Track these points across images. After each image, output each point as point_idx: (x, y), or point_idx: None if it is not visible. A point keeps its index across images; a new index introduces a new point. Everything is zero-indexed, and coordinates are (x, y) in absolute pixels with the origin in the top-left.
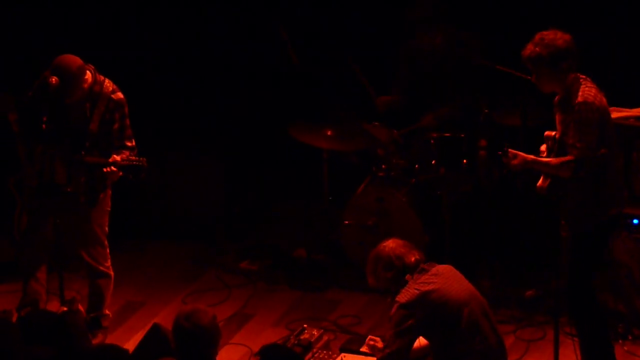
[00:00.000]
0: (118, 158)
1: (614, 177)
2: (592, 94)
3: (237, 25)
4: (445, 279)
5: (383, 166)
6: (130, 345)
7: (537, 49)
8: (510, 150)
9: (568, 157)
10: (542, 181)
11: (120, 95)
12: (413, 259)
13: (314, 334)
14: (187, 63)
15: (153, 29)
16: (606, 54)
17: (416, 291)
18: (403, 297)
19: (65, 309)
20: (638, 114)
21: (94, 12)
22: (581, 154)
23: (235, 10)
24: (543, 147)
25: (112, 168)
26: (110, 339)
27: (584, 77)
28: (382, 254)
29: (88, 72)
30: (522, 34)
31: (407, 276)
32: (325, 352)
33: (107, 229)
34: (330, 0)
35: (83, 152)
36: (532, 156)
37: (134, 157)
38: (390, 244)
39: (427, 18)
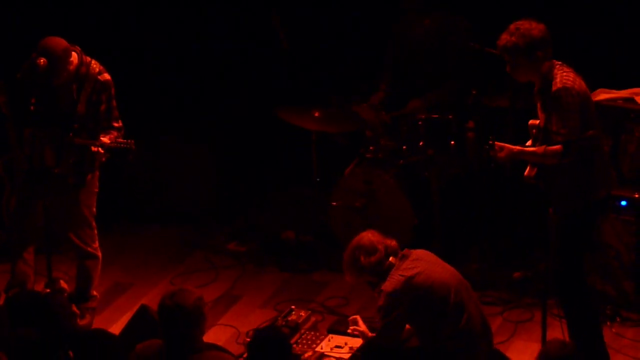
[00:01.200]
0: (106, 140)
1: (601, 159)
2: (571, 79)
3: (228, 7)
4: (426, 262)
5: (371, 148)
6: (118, 326)
7: (512, 38)
8: (496, 142)
9: (554, 145)
10: (529, 170)
11: (107, 76)
12: (392, 243)
13: (302, 315)
14: (177, 48)
15: (147, 18)
16: (606, 50)
17: (401, 277)
18: (389, 285)
19: (48, 290)
20: (626, 95)
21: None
22: (566, 139)
23: None
24: (528, 143)
25: (100, 149)
26: (97, 320)
27: (559, 63)
28: (362, 241)
29: (74, 53)
30: (511, 16)
31: (391, 258)
32: (312, 333)
33: (95, 210)
34: None
35: (71, 134)
36: (518, 147)
37: (122, 140)
38: (367, 234)
39: (419, 8)
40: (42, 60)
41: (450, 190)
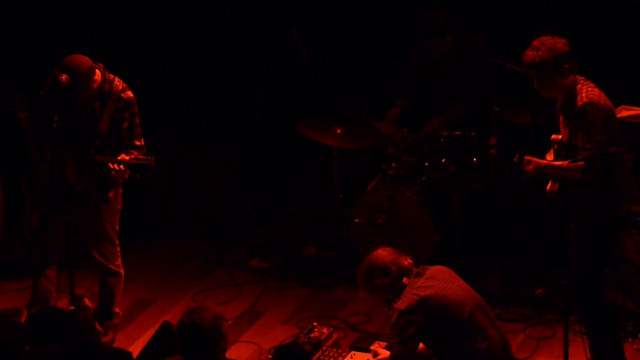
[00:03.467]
0: (126, 157)
1: (623, 175)
2: (596, 94)
3: (248, 25)
4: (441, 281)
5: (393, 164)
6: (141, 342)
7: (539, 53)
8: (526, 156)
9: (578, 160)
10: (551, 185)
11: (130, 94)
12: (406, 262)
13: (324, 332)
14: (199, 63)
15: (166, 29)
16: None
17: (415, 296)
18: (402, 303)
19: (72, 307)
20: None
21: (106, 12)
22: (592, 154)
23: (246, 10)
24: (548, 155)
25: (120, 167)
26: (120, 337)
27: (583, 78)
28: (376, 261)
29: (97, 71)
30: (530, 32)
31: (405, 279)
32: (335, 350)
33: (117, 227)
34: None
35: (93, 151)
36: (545, 161)
37: (142, 156)
38: (382, 252)
39: (440, 25)
40: (64, 77)
41: (471, 206)
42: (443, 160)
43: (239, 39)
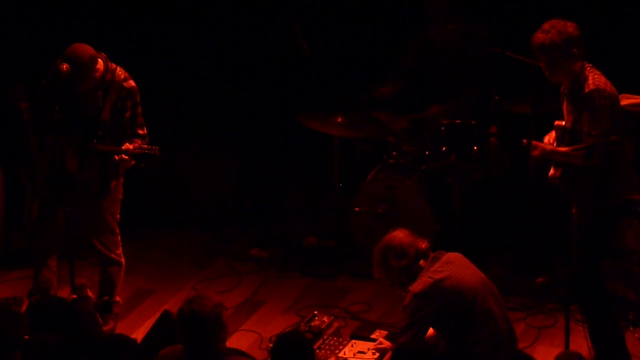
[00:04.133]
0: (130, 146)
1: (624, 163)
2: (603, 81)
3: (248, 16)
4: (456, 266)
5: (393, 153)
6: (141, 331)
7: (549, 35)
8: (533, 141)
9: (584, 145)
10: (554, 171)
11: (132, 83)
12: (424, 245)
13: (325, 320)
14: (199, 55)
15: (165, 21)
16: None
17: (430, 279)
18: (417, 286)
19: (74, 296)
20: None
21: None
22: (597, 140)
23: (246, 1)
24: (546, 138)
25: (124, 156)
26: (120, 326)
27: (590, 65)
28: (393, 242)
29: (100, 60)
30: (530, 21)
31: (422, 262)
32: (335, 338)
33: (118, 216)
34: None
35: (95, 141)
36: (550, 146)
37: (146, 146)
38: (399, 234)
39: (443, 12)
40: (64, 66)
41: (472, 195)
42: (443, 148)
43: (239, 30)
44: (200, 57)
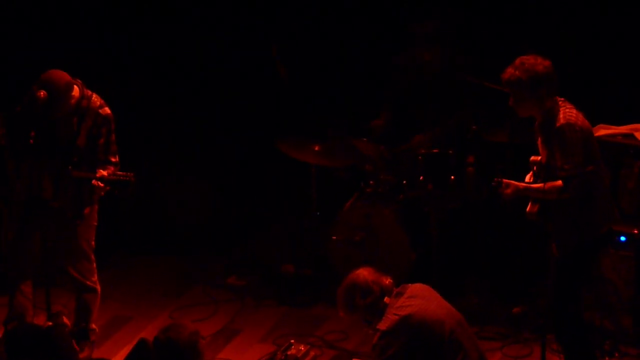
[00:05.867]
0: (105, 173)
1: (602, 194)
2: (574, 115)
3: (228, 41)
4: (421, 299)
5: (371, 182)
6: (117, 359)
7: (517, 72)
8: (504, 180)
9: (558, 181)
10: (531, 206)
11: (107, 110)
12: (387, 281)
13: (301, 349)
14: (176, 77)
15: (143, 40)
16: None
17: (395, 316)
18: (384, 324)
19: (50, 323)
20: (625, 131)
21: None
22: (569, 174)
23: (224, 25)
24: (528, 177)
25: (99, 183)
26: (97, 353)
27: (562, 99)
28: (357, 281)
29: (75, 86)
30: (510, 52)
31: (386, 298)
32: None
33: (93, 243)
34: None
35: (70, 167)
36: (523, 184)
37: (121, 172)
38: (363, 272)
39: (428, 34)
40: (42, 93)
41: (449, 224)
42: (421, 178)
43: (219, 55)
44: (179, 82)
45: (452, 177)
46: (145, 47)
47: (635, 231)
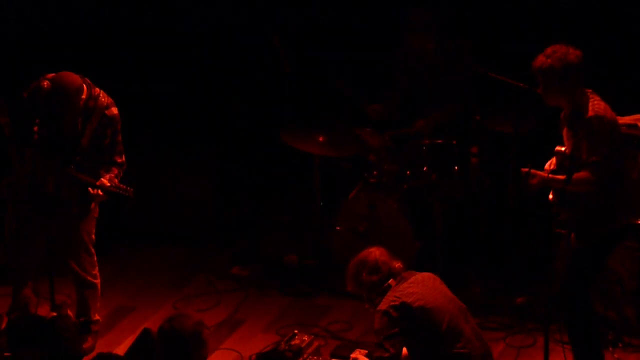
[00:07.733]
0: (106, 182)
1: (627, 187)
2: (602, 107)
3: (229, 32)
4: (422, 286)
5: (375, 172)
6: (121, 349)
7: (549, 60)
8: (532, 170)
9: (583, 172)
10: (554, 196)
11: (114, 111)
12: (397, 265)
13: (305, 339)
14: (180, 71)
15: (147, 36)
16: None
17: (396, 299)
18: (384, 304)
19: (54, 314)
20: (629, 121)
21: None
22: (597, 167)
23: (227, 16)
24: (547, 165)
25: (99, 192)
26: (100, 343)
27: (590, 91)
28: (368, 258)
29: (84, 86)
30: (514, 42)
31: (391, 280)
32: (315, 357)
33: (94, 236)
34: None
35: (72, 166)
36: (549, 175)
37: (121, 185)
38: (376, 251)
39: (427, 21)
40: (45, 83)
41: (453, 214)
42: (424, 168)
43: (221, 46)
44: (182, 73)
45: (456, 167)
46: (148, 39)
47: (639, 222)
